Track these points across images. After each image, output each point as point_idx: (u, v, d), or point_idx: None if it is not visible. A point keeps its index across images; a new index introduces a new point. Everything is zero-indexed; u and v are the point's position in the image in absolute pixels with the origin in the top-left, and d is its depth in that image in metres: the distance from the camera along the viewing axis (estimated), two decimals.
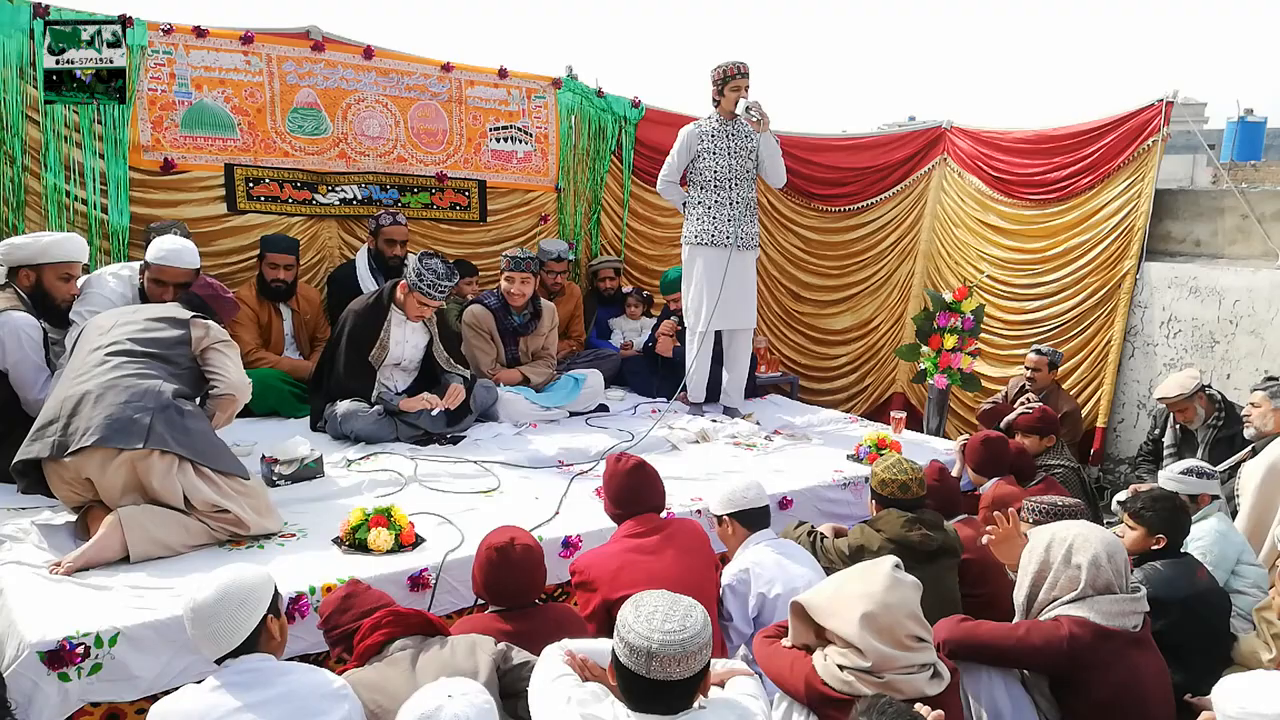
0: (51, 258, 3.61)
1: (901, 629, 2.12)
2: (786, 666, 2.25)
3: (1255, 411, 4.08)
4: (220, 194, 5.01)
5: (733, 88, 4.64)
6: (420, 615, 2.29)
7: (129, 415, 2.88)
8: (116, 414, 2.87)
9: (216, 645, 1.95)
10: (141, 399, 2.93)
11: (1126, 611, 2.40)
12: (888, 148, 6.81)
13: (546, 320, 5.11)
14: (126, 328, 3.20)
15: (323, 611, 2.34)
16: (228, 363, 3.30)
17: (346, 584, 2.46)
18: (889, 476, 3.11)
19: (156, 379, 3.03)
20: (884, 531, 2.98)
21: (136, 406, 2.91)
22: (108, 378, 2.97)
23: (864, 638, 2.09)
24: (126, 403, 2.90)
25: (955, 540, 3.07)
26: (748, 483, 3.06)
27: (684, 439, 4.56)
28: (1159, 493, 3.11)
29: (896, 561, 2.26)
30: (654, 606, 1.78)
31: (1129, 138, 5.63)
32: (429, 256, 4.31)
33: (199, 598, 1.97)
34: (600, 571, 2.69)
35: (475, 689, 1.82)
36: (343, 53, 5.27)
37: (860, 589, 2.17)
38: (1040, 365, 5.22)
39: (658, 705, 1.75)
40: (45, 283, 3.61)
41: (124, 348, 3.10)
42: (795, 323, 7.05)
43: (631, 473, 2.95)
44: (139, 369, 3.04)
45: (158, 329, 3.23)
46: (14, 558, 2.77)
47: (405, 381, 4.51)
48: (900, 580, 2.19)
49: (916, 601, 2.20)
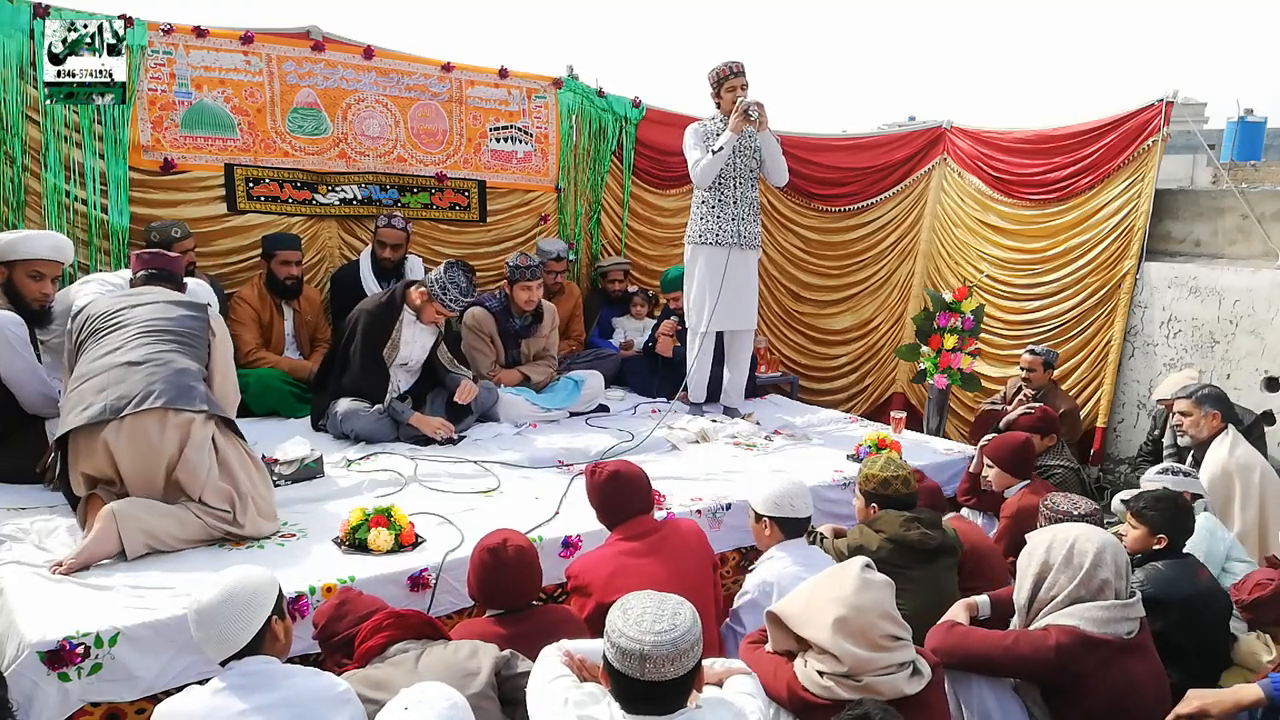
0: (19, 254, 3.48)
1: (875, 630, 2.11)
2: (770, 673, 2.24)
3: (1186, 420, 4.05)
4: (220, 194, 5.01)
5: (729, 88, 4.63)
6: (420, 617, 2.29)
7: (186, 383, 3.00)
8: (175, 379, 2.98)
9: (221, 647, 1.95)
10: (186, 374, 3.04)
11: (1118, 619, 2.37)
12: (888, 148, 6.81)
13: (547, 322, 5.11)
14: (149, 309, 3.22)
15: (317, 621, 2.33)
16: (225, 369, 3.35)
17: (339, 592, 2.44)
18: (883, 474, 3.10)
19: (192, 362, 3.13)
20: (883, 531, 2.95)
21: (191, 375, 3.05)
22: (148, 350, 3.04)
23: (837, 643, 2.09)
24: (181, 371, 3.03)
25: (954, 539, 3.06)
26: (796, 490, 2.99)
27: (684, 439, 4.56)
28: (1162, 492, 3.09)
29: (866, 562, 2.25)
30: (642, 609, 1.78)
31: (1129, 138, 5.63)
32: (454, 268, 4.32)
33: (203, 600, 1.97)
34: (594, 576, 2.69)
35: (438, 696, 1.78)
36: (343, 53, 5.27)
37: (831, 594, 2.16)
38: (1035, 365, 5.22)
39: (653, 706, 1.75)
40: (15, 279, 3.50)
41: (157, 326, 3.15)
42: (795, 323, 7.05)
43: (607, 482, 2.89)
44: (174, 348, 3.11)
45: (182, 312, 3.27)
46: (14, 558, 2.77)
47: (408, 382, 4.51)
48: (870, 580, 2.18)
49: (890, 600, 2.19)
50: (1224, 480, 3.83)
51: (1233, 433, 3.97)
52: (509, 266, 4.93)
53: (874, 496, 3.11)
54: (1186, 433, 4.10)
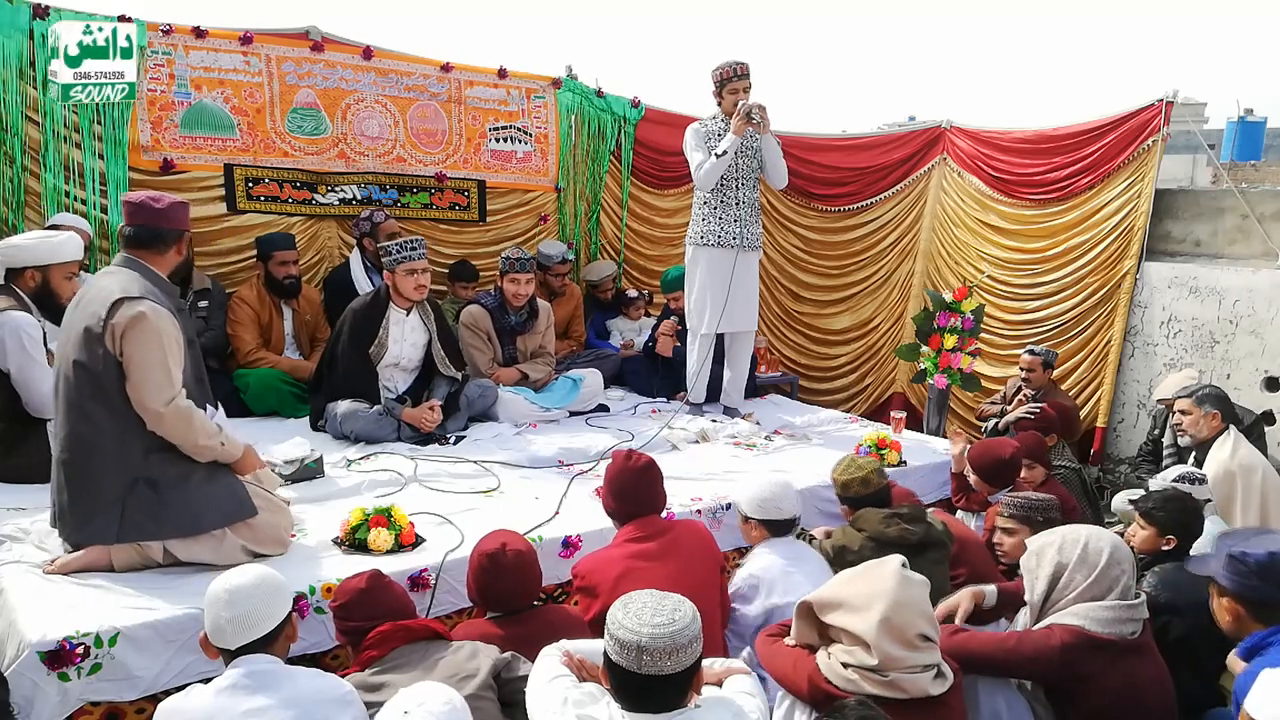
0: (61, 258, 3.62)
1: (913, 628, 2.12)
2: (790, 665, 2.25)
3: (1186, 419, 4.06)
4: (220, 194, 5.01)
5: (731, 90, 4.62)
6: (428, 629, 2.27)
7: (95, 510, 2.64)
8: (84, 508, 2.64)
9: (244, 631, 1.96)
10: (101, 480, 2.64)
11: (1123, 619, 2.38)
12: (887, 148, 6.81)
13: (543, 319, 5.11)
14: (66, 346, 2.72)
15: (339, 597, 2.31)
16: (143, 368, 2.64)
17: (369, 575, 2.33)
18: (842, 478, 3.23)
19: (110, 440, 2.65)
20: (864, 530, 2.99)
21: (99, 499, 2.63)
22: (60, 440, 2.68)
23: (878, 636, 2.08)
24: (88, 494, 2.63)
25: (942, 533, 3.04)
26: (781, 492, 3.04)
27: (684, 439, 4.56)
28: (1171, 493, 3.09)
29: (903, 560, 2.26)
30: (642, 603, 1.79)
31: (1129, 138, 5.63)
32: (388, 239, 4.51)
33: (234, 581, 1.99)
34: (602, 578, 2.67)
35: (436, 697, 1.79)
36: (342, 53, 5.27)
37: (872, 587, 2.17)
38: (1034, 365, 5.21)
39: (651, 703, 1.75)
40: (52, 283, 3.61)
41: (68, 383, 2.67)
42: (795, 323, 7.05)
43: (642, 471, 2.90)
44: (82, 423, 2.65)
45: (86, 346, 2.65)
46: (14, 557, 2.77)
47: (406, 382, 4.51)
48: (910, 578, 2.19)
49: (926, 598, 2.20)
50: (1226, 481, 3.83)
51: (1234, 433, 3.97)
52: (501, 259, 4.95)
53: (842, 500, 3.28)
54: (1186, 432, 4.10)
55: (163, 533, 2.70)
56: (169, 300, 2.80)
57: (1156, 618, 2.64)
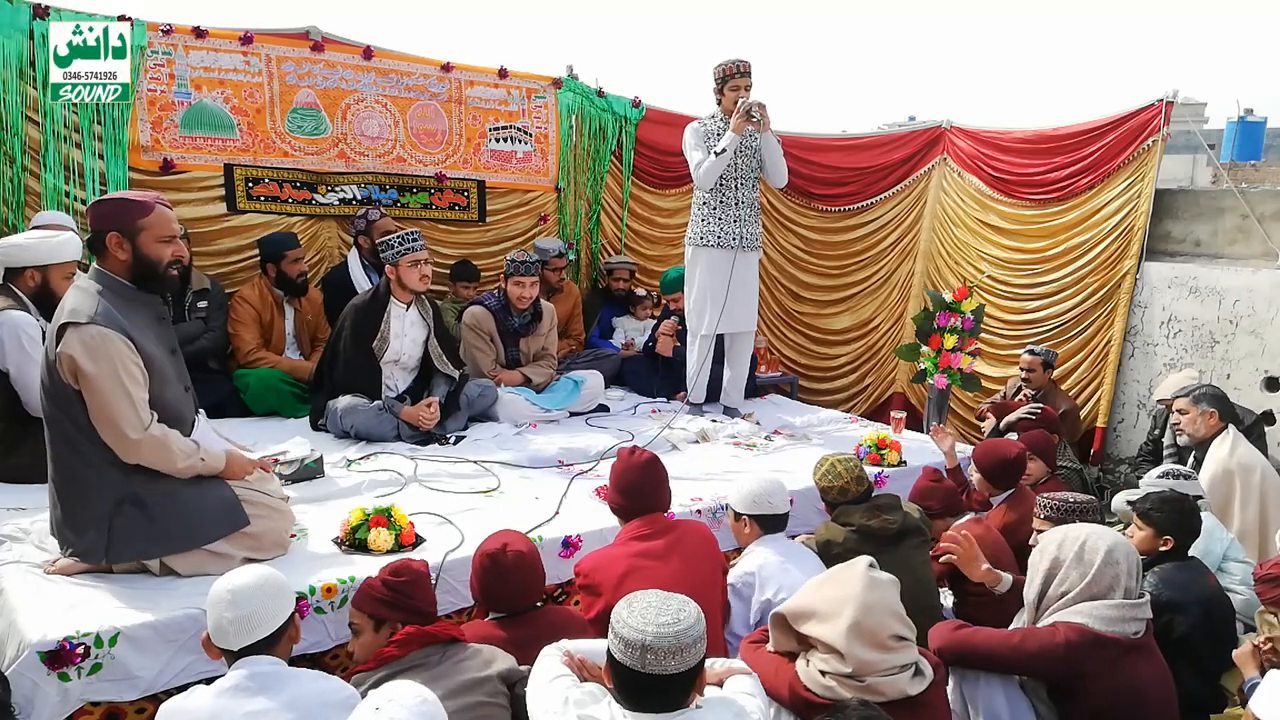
0: (60, 258, 3.61)
1: (884, 630, 2.13)
2: (771, 672, 2.25)
3: (1184, 419, 4.07)
4: (220, 194, 5.01)
5: (732, 87, 4.61)
6: (447, 633, 2.24)
7: (87, 526, 2.59)
8: (75, 525, 2.62)
9: (247, 632, 1.95)
10: (86, 500, 2.58)
11: (1127, 618, 2.38)
12: (887, 148, 6.81)
13: (546, 321, 5.11)
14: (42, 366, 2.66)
15: (372, 582, 2.28)
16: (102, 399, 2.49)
17: (402, 565, 2.30)
18: (821, 484, 3.24)
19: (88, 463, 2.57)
20: (848, 524, 3.04)
21: (89, 518, 2.58)
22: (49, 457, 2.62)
23: (848, 643, 2.09)
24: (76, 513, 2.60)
25: (920, 520, 3.09)
26: (773, 488, 3.06)
27: (684, 439, 4.56)
28: (1169, 494, 3.09)
29: (871, 561, 2.27)
30: (647, 603, 1.80)
31: (1129, 138, 5.63)
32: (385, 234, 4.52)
33: (238, 581, 1.99)
34: (606, 576, 2.66)
35: (409, 694, 1.75)
36: (342, 53, 5.27)
37: (839, 592, 2.17)
38: (1034, 365, 5.21)
39: (653, 703, 1.75)
40: (52, 283, 3.60)
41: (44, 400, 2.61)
42: (795, 323, 7.05)
43: (645, 467, 2.90)
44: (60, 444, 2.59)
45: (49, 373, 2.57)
46: (14, 557, 2.77)
47: (405, 380, 4.51)
48: (877, 579, 2.19)
49: (896, 598, 2.21)
50: (1224, 480, 3.84)
51: (1233, 432, 3.97)
52: (506, 261, 4.94)
53: (823, 499, 3.30)
54: (1185, 431, 4.11)
55: (155, 551, 2.66)
56: (142, 309, 2.67)
57: (1158, 617, 2.64)
